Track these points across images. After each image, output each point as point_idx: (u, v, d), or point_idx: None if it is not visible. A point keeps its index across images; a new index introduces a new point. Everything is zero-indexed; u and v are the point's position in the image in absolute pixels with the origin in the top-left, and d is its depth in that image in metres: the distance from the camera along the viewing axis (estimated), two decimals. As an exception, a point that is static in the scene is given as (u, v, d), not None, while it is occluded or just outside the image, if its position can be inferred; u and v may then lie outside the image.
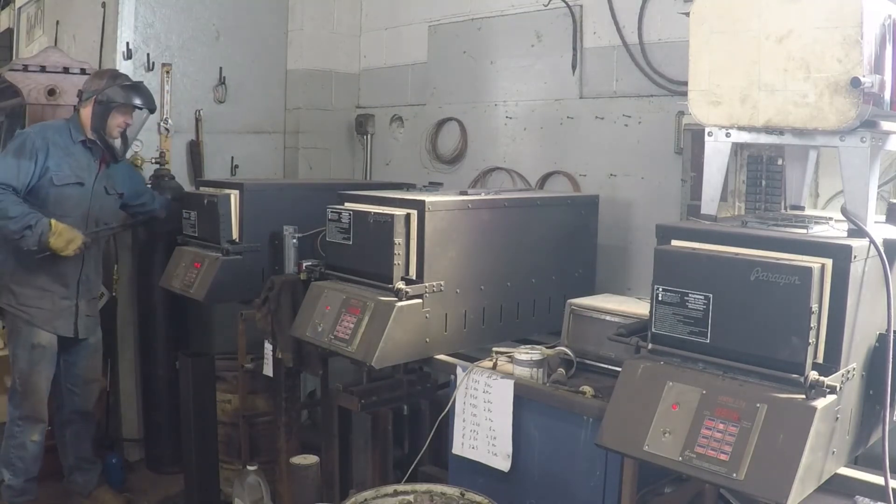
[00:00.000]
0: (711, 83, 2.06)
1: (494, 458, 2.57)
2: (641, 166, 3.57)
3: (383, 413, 3.34)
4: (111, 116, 3.60)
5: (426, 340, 2.83)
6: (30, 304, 3.62)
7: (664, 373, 1.97)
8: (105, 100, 3.59)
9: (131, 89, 3.67)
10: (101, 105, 3.59)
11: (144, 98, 3.71)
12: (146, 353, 4.45)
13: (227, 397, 4.14)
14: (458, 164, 4.39)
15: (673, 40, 3.40)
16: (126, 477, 4.33)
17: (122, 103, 3.62)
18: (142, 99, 3.69)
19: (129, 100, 3.63)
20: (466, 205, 2.89)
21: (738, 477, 1.76)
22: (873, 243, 1.84)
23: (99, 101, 3.59)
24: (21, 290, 3.62)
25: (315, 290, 3.06)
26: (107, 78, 3.67)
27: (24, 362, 3.63)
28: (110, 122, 3.61)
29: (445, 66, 4.44)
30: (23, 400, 3.65)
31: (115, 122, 3.62)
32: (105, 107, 3.59)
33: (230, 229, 3.66)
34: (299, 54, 4.91)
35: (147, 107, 3.74)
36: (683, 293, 1.93)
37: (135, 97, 3.66)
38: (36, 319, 3.63)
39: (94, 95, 3.60)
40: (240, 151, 4.81)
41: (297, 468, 2.78)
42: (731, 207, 2.89)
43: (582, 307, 2.74)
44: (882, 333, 1.93)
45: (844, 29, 1.82)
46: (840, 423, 1.85)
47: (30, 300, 3.62)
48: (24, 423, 3.66)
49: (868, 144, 1.88)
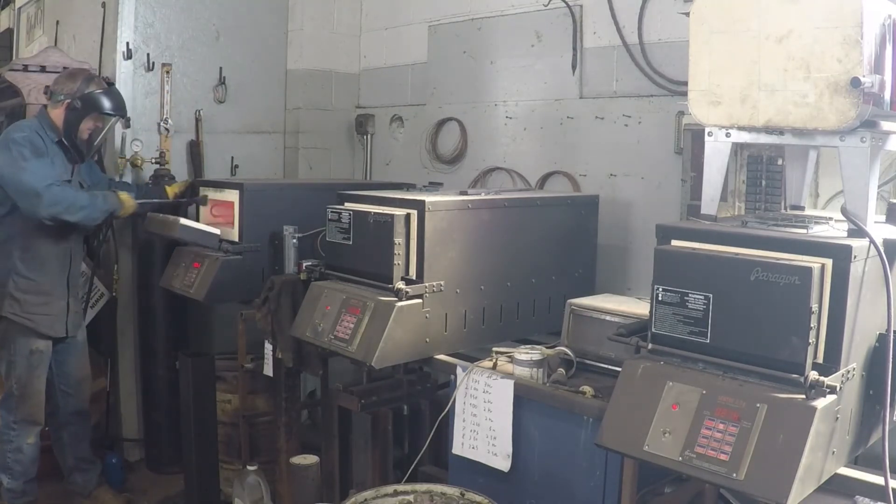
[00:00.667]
0: (711, 83, 2.06)
1: (494, 458, 2.57)
2: (641, 166, 3.57)
3: (383, 413, 3.34)
4: (83, 122, 3.57)
5: (426, 340, 2.83)
6: (35, 311, 3.59)
7: (664, 373, 1.97)
8: (78, 107, 3.55)
9: (105, 96, 3.62)
10: (73, 112, 3.55)
11: (117, 105, 3.68)
12: (146, 353, 4.45)
13: (227, 397, 4.14)
14: (458, 164, 4.39)
15: (673, 40, 3.40)
16: (126, 477, 4.33)
17: (94, 111, 3.58)
18: (114, 105, 3.66)
19: (102, 108, 3.60)
20: (466, 205, 2.89)
21: (738, 477, 1.76)
22: (873, 243, 1.84)
23: (72, 108, 3.55)
24: (25, 297, 3.58)
25: (315, 290, 3.06)
26: (80, 81, 3.60)
27: (23, 368, 3.61)
28: (82, 126, 3.57)
29: (445, 66, 4.44)
30: (20, 404, 3.63)
31: (86, 126, 3.59)
32: (77, 113, 3.55)
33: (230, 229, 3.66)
34: (299, 54, 4.91)
35: (119, 114, 3.72)
36: (683, 293, 1.93)
37: (108, 104, 3.62)
38: (40, 326, 3.60)
39: (68, 100, 3.55)
40: (240, 151, 4.80)
41: (297, 468, 2.78)
42: (731, 207, 2.89)
43: (582, 307, 2.74)
44: (882, 333, 1.93)
45: (844, 29, 1.82)
46: (840, 423, 1.85)
47: (35, 307, 3.59)
48: (19, 427, 3.64)
49: (868, 144, 1.88)
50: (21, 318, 3.58)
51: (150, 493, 4.22)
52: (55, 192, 3.40)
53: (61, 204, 3.40)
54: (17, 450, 3.64)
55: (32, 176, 3.39)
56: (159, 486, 4.29)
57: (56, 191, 3.41)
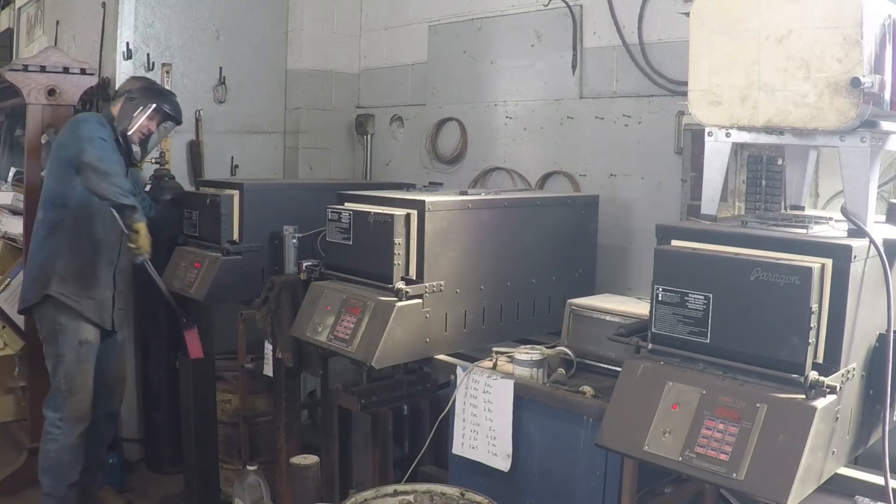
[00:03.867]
0: (711, 83, 2.06)
1: (494, 458, 2.57)
2: (641, 166, 3.57)
3: (383, 413, 3.34)
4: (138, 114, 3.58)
5: (426, 340, 2.83)
6: (81, 293, 3.56)
7: (664, 373, 1.97)
8: (136, 97, 3.59)
9: (164, 95, 3.67)
10: (130, 102, 3.58)
11: (174, 107, 3.71)
12: (146, 353, 4.45)
13: (227, 397, 4.14)
14: (458, 164, 4.39)
15: (673, 40, 3.40)
16: (126, 477, 4.33)
17: (152, 102, 3.61)
18: (172, 107, 3.69)
19: (160, 103, 3.62)
20: (466, 205, 2.89)
21: (738, 477, 1.76)
22: (873, 243, 1.84)
23: (130, 98, 3.59)
24: (72, 279, 3.54)
25: (315, 290, 3.06)
26: (143, 81, 3.70)
27: (72, 361, 3.54)
28: (138, 119, 3.58)
29: (445, 66, 4.44)
30: (67, 400, 3.54)
31: (141, 121, 3.59)
32: (135, 104, 3.58)
33: (231, 229, 3.67)
34: (299, 54, 4.91)
35: (175, 118, 3.74)
36: (683, 293, 1.93)
37: (167, 105, 3.66)
38: (85, 311, 3.56)
39: (126, 93, 3.60)
40: (240, 151, 4.81)
41: (297, 468, 2.78)
42: (731, 207, 2.89)
43: (582, 307, 2.74)
44: (882, 333, 1.93)
45: (844, 29, 1.82)
46: (840, 423, 1.85)
47: (81, 290, 3.56)
48: (65, 425, 3.54)
49: (868, 144, 1.88)
50: (68, 300, 3.52)
51: (150, 493, 4.22)
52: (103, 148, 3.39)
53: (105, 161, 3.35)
54: (62, 449, 3.54)
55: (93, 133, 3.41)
56: (159, 486, 4.29)
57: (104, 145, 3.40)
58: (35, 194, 3.86)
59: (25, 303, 3.64)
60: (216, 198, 3.66)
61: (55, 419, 3.55)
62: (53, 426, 3.55)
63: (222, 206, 3.64)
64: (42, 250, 3.59)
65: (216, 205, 3.65)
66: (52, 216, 3.58)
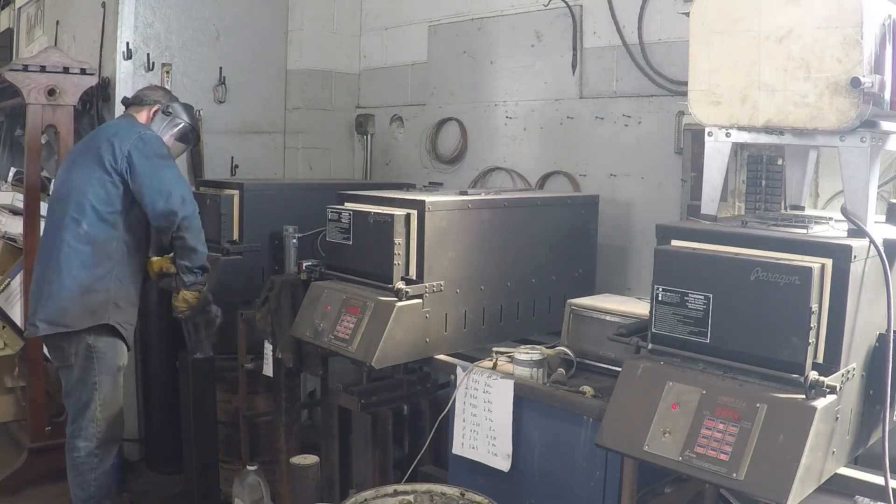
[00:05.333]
0: (711, 83, 2.06)
1: (494, 458, 2.57)
2: (641, 166, 3.57)
3: (383, 413, 3.34)
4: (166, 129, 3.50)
5: (426, 340, 2.83)
6: (132, 321, 3.41)
7: (664, 373, 1.97)
8: (170, 112, 3.51)
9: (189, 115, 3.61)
10: (162, 116, 3.49)
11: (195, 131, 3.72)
12: (146, 353, 4.44)
13: (227, 397, 4.14)
14: (458, 164, 4.39)
15: (673, 40, 3.40)
16: (126, 477, 4.33)
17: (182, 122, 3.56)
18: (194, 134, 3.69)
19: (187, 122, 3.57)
20: (466, 205, 2.90)
21: (738, 477, 1.76)
22: (873, 243, 1.84)
23: (163, 111, 3.50)
24: (126, 306, 3.36)
25: (315, 290, 3.06)
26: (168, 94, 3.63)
27: (109, 388, 3.36)
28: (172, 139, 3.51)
29: (445, 66, 4.44)
30: (103, 429, 3.35)
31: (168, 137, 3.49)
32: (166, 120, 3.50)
33: (231, 229, 3.67)
34: (299, 54, 4.91)
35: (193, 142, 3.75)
36: (683, 293, 1.93)
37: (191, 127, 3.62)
38: (129, 338, 3.41)
39: (158, 105, 3.51)
40: (240, 151, 4.80)
41: (297, 468, 2.78)
42: (731, 207, 2.89)
43: (582, 307, 2.74)
44: (882, 333, 1.93)
45: (844, 29, 1.82)
46: (840, 423, 1.85)
47: (131, 318, 3.40)
48: (102, 451, 3.37)
49: (868, 144, 1.88)
50: (122, 329, 3.33)
51: (150, 493, 4.22)
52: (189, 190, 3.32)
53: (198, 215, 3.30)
54: (102, 475, 3.38)
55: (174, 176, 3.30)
56: (159, 486, 4.28)
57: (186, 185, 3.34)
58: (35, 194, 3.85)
59: (69, 327, 3.24)
60: (216, 198, 3.66)
61: (90, 449, 3.35)
62: (90, 456, 3.35)
63: (222, 206, 3.64)
64: (87, 270, 3.25)
65: (216, 205, 3.65)
66: (98, 233, 3.27)
